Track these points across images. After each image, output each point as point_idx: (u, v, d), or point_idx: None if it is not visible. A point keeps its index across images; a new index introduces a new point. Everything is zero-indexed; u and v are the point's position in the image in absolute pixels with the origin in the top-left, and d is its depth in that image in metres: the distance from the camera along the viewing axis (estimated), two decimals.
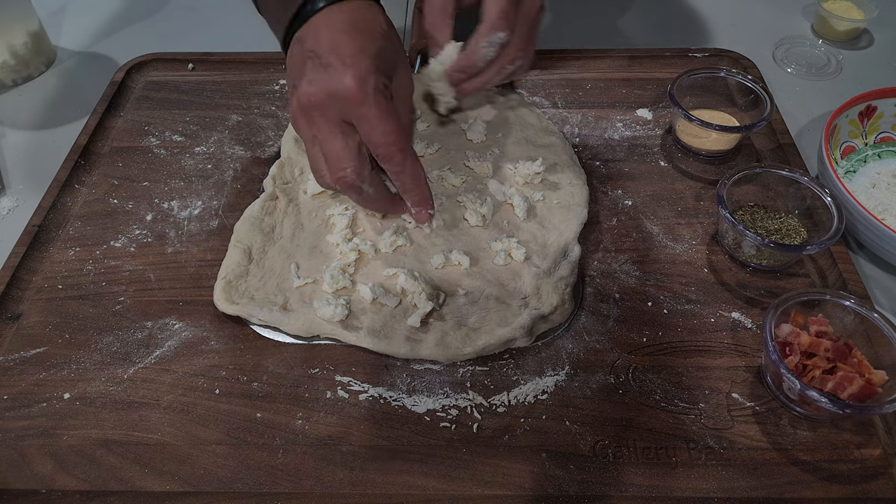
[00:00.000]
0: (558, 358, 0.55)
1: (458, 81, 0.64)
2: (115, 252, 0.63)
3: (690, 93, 0.72)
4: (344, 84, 0.49)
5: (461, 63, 0.63)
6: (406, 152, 0.52)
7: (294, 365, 0.55)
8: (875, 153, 0.72)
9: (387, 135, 0.50)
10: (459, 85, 0.64)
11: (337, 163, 0.52)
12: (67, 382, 0.54)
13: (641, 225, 0.64)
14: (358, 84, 0.49)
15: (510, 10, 0.60)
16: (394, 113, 0.51)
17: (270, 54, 0.83)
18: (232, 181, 0.69)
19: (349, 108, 0.50)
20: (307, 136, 0.53)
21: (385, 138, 0.50)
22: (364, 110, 0.49)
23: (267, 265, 0.60)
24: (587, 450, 0.50)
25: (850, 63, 0.86)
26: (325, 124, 0.51)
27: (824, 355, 0.50)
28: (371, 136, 0.51)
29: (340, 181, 0.53)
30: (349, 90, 0.49)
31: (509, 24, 0.60)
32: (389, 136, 0.50)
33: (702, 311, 0.58)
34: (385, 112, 0.50)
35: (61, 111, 0.81)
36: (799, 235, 0.61)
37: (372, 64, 0.50)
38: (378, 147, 0.51)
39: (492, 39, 0.60)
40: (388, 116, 0.50)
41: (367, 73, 0.49)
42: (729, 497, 0.47)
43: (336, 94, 0.49)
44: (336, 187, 0.54)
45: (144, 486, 0.48)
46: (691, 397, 0.52)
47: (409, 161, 0.53)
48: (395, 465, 0.49)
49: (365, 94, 0.49)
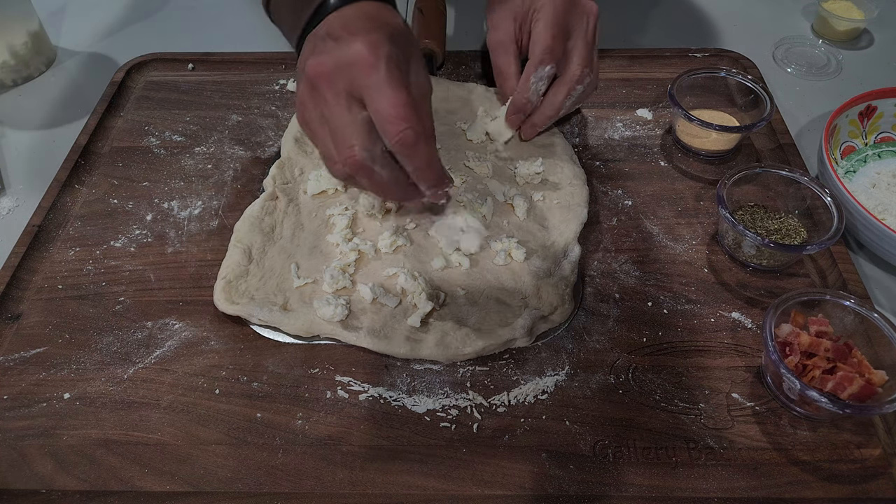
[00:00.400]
0: (558, 358, 0.55)
1: (517, 123, 0.67)
2: (115, 252, 0.63)
3: (690, 93, 0.72)
4: (353, 49, 0.45)
5: (514, 105, 0.66)
6: (419, 133, 0.47)
7: (294, 365, 0.55)
8: (875, 153, 0.72)
9: (397, 107, 0.46)
10: (520, 126, 0.68)
11: (344, 140, 0.48)
12: (67, 382, 0.54)
13: (641, 225, 0.64)
14: (368, 48, 0.45)
15: (555, 46, 0.63)
16: (405, 85, 0.46)
17: (270, 54, 0.83)
18: (232, 181, 0.69)
19: (358, 75, 0.46)
20: (314, 117, 0.49)
21: (395, 111, 0.46)
22: (374, 77, 0.45)
23: (267, 265, 0.60)
24: (587, 450, 0.50)
25: (850, 63, 0.86)
26: (333, 97, 0.47)
27: (824, 355, 0.50)
28: (380, 107, 0.46)
29: (349, 161, 0.48)
30: (359, 54, 0.45)
31: (554, 56, 0.63)
32: (399, 108, 0.46)
33: (702, 311, 0.58)
34: (396, 81, 0.46)
35: (61, 111, 0.81)
36: (799, 235, 0.61)
37: (385, 36, 0.47)
38: (387, 122, 0.46)
39: (539, 75, 0.63)
40: (399, 86, 0.46)
41: (378, 41, 0.46)
42: (729, 497, 0.47)
43: (345, 60, 0.46)
44: (346, 171, 0.50)
45: (144, 486, 0.48)
46: (691, 397, 0.52)
47: (422, 142, 0.48)
48: (395, 465, 0.49)
49: (376, 59, 0.45)
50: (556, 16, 0.63)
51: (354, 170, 0.49)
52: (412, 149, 0.47)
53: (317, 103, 0.49)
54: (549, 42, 0.62)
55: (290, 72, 0.81)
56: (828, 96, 0.81)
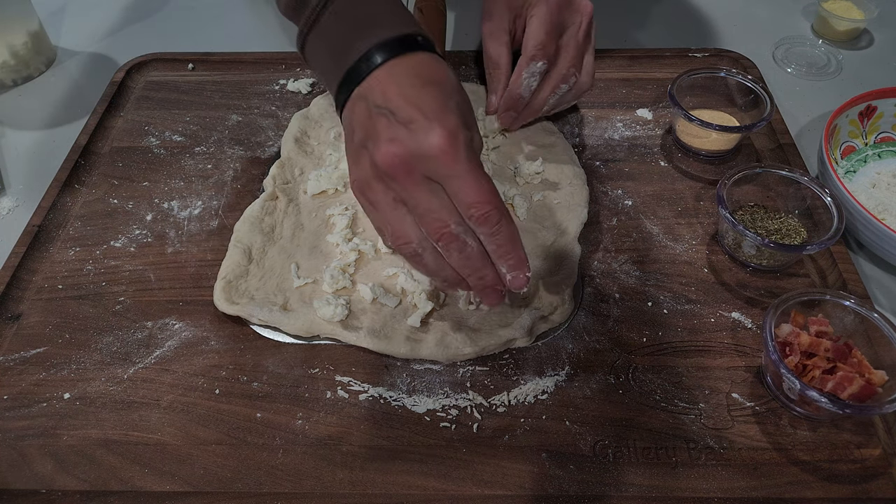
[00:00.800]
0: (558, 358, 0.55)
1: (508, 120, 0.68)
2: (115, 252, 0.63)
3: (690, 93, 0.72)
4: (431, 141, 0.44)
5: (506, 101, 0.67)
6: (502, 211, 0.47)
7: (294, 365, 0.55)
8: (875, 153, 0.72)
9: (482, 193, 0.45)
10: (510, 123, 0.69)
11: (432, 219, 0.47)
12: (67, 382, 0.54)
13: (641, 225, 0.64)
14: (448, 140, 0.44)
15: (548, 42, 0.63)
16: (484, 172, 0.46)
17: (270, 54, 0.83)
18: (232, 181, 0.69)
19: (438, 166, 0.45)
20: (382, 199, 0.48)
21: (480, 197, 0.45)
22: (456, 168, 0.45)
23: (267, 265, 0.60)
24: (587, 450, 0.50)
25: (850, 63, 0.86)
26: (412, 185, 0.46)
27: (824, 355, 0.50)
28: (464, 195, 0.45)
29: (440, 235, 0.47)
30: (439, 146, 0.44)
31: (546, 52, 0.64)
32: (484, 194, 0.45)
33: (702, 311, 0.58)
34: (478, 168, 0.46)
35: (61, 111, 0.81)
36: (799, 235, 0.61)
37: (459, 118, 0.46)
38: (472, 207, 0.46)
39: (531, 70, 0.64)
40: (481, 173, 0.46)
41: (455, 127, 0.45)
42: (729, 497, 0.47)
43: (422, 151, 0.44)
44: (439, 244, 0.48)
45: (144, 486, 0.48)
46: (691, 397, 0.52)
47: (505, 221, 0.47)
48: (395, 465, 0.49)
49: (456, 150, 0.44)
50: (551, 12, 0.63)
51: (443, 241, 0.48)
52: (496, 226, 0.47)
53: (387, 190, 0.48)
54: (542, 38, 0.63)
55: (290, 72, 0.81)
56: (828, 96, 0.81)
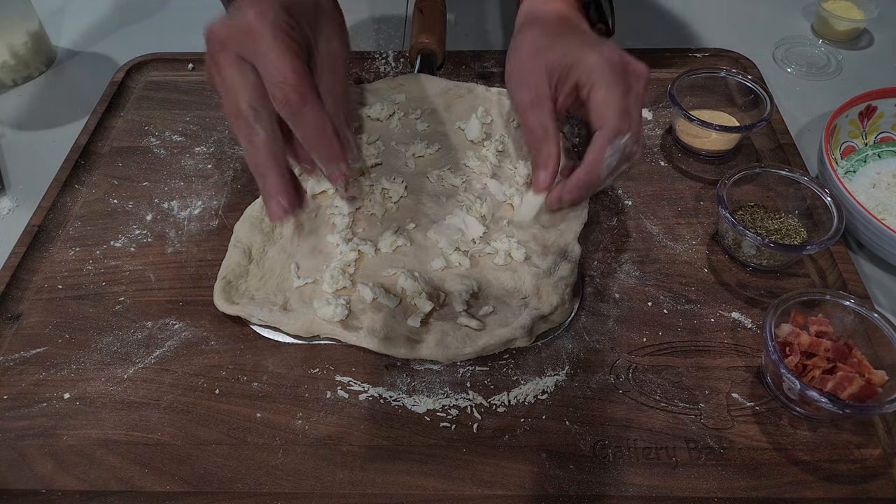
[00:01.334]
0: (558, 358, 0.55)
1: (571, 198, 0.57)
2: (115, 252, 0.63)
3: (690, 93, 0.72)
4: (245, 17, 0.47)
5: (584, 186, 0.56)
6: (306, 96, 0.47)
7: (294, 365, 0.55)
8: (875, 153, 0.72)
9: (283, 71, 0.46)
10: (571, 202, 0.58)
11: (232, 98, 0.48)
12: (67, 382, 0.54)
13: (641, 225, 0.64)
14: (256, 16, 0.46)
15: (630, 106, 0.53)
16: (294, 51, 0.47)
17: None
18: (232, 181, 0.69)
19: (245, 41, 0.47)
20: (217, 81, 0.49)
21: (281, 75, 0.46)
22: (261, 43, 0.46)
23: (267, 265, 0.60)
24: (587, 450, 0.50)
25: (850, 63, 0.86)
26: (225, 60, 0.48)
27: (824, 355, 0.50)
28: (268, 74, 0.47)
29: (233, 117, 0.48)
30: (248, 21, 0.46)
31: (630, 121, 0.53)
32: (285, 72, 0.46)
33: (702, 311, 0.58)
34: (282, 46, 0.46)
35: (61, 111, 0.81)
36: (799, 235, 0.61)
37: (278, 4, 0.47)
38: (273, 86, 0.47)
39: (615, 146, 0.53)
40: (286, 51, 0.46)
41: (268, 8, 0.47)
42: (729, 497, 0.47)
43: (236, 26, 0.47)
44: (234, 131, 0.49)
45: (144, 486, 0.48)
46: (691, 397, 0.52)
47: (309, 107, 0.47)
48: (395, 465, 0.49)
49: (262, 26, 0.46)
50: (616, 78, 0.54)
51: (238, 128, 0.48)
52: (298, 112, 0.47)
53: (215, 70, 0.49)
54: (622, 105, 0.52)
55: None
56: (828, 96, 0.81)
